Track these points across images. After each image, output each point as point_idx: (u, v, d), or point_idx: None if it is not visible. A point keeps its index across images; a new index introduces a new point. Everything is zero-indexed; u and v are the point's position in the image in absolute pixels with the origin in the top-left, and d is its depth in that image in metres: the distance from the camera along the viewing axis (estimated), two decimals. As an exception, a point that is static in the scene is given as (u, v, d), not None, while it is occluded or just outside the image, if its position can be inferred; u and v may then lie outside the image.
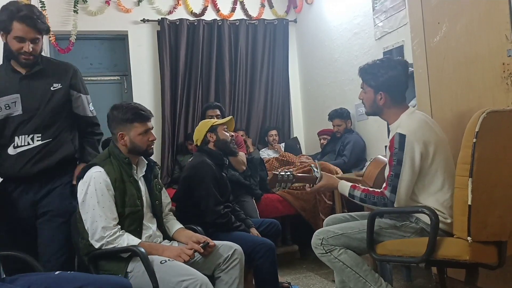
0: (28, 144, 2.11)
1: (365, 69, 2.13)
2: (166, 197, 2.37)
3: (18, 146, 2.11)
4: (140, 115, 2.11)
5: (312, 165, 2.32)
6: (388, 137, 2.10)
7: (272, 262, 2.46)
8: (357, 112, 4.32)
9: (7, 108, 2.10)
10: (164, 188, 2.41)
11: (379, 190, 1.99)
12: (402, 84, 2.09)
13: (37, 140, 2.12)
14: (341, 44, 4.57)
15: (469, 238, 1.74)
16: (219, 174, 2.73)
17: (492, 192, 1.78)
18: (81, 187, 2.02)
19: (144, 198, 2.13)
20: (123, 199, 2.03)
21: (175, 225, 2.30)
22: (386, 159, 2.20)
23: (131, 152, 2.13)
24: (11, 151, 2.11)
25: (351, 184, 2.12)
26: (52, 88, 2.17)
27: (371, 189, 2.03)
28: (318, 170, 2.22)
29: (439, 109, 2.56)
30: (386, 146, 3.75)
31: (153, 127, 2.20)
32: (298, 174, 2.24)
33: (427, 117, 2.10)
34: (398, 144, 1.91)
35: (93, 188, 1.97)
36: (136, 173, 2.16)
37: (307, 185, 2.28)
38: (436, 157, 1.94)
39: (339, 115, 4.29)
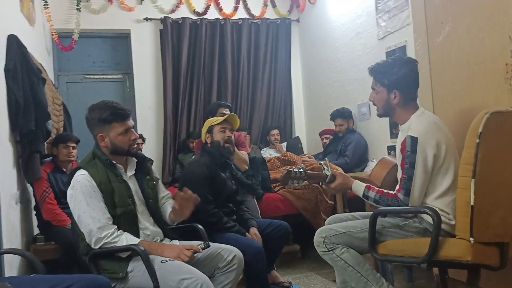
0: None
1: (376, 68, 2.11)
2: (163, 191, 2.33)
3: None
4: (117, 114, 2.03)
5: (322, 163, 2.29)
6: (394, 139, 2.09)
7: (261, 266, 2.43)
8: (360, 112, 4.31)
9: None
10: (160, 180, 2.36)
11: (392, 192, 1.98)
12: (414, 82, 2.08)
13: None
14: (343, 44, 4.56)
15: (471, 239, 1.73)
16: (216, 174, 2.71)
17: (495, 193, 1.77)
18: (69, 192, 2.00)
19: (136, 197, 2.10)
20: (112, 200, 1.99)
21: (168, 207, 2.26)
22: (393, 160, 2.20)
23: (113, 153, 2.07)
24: None
25: (366, 184, 2.10)
26: None
27: (385, 191, 2.01)
28: (329, 169, 2.19)
29: (441, 109, 2.55)
30: (388, 147, 3.80)
31: (133, 125, 2.11)
32: (310, 172, 2.22)
33: (436, 117, 2.08)
34: (410, 147, 1.90)
35: (80, 192, 1.95)
36: (125, 172, 2.12)
37: (318, 183, 2.23)
38: (446, 158, 1.93)
39: (341, 114, 4.28)
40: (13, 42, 2.88)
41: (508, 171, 1.82)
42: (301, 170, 2.16)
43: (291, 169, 2.16)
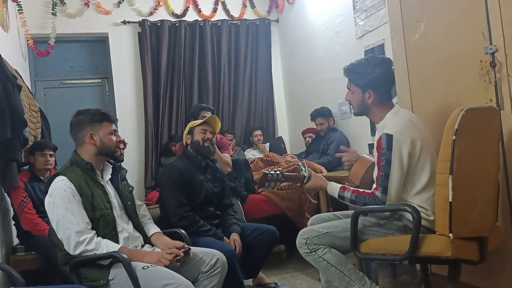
0: None
1: (351, 69, 2.12)
2: (137, 200, 2.35)
3: None
4: (107, 115, 2.17)
5: (300, 164, 2.30)
6: (374, 137, 2.10)
7: (232, 270, 2.33)
8: (341, 111, 4.34)
9: None
10: (133, 189, 2.38)
11: (369, 191, 1.98)
12: (388, 82, 2.10)
13: None
14: (323, 44, 4.58)
15: (450, 235, 1.75)
16: (191, 177, 2.67)
17: (472, 189, 1.80)
18: (47, 199, 1.99)
19: (114, 201, 2.13)
20: (91, 204, 2.00)
21: (151, 229, 2.27)
22: (372, 159, 2.21)
23: (99, 154, 2.12)
24: None
25: (341, 185, 2.10)
26: None
27: (361, 190, 2.02)
28: (306, 169, 2.21)
29: (420, 107, 2.58)
30: (369, 145, 3.83)
31: (117, 131, 2.24)
32: (286, 174, 2.23)
33: (412, 115, 2.11)
34: (386, 144, 1.91)
35: (59, 197, 1.94)
36: (102, 178, 2.15)
37: (296, 184, 2.26)
38: (422, 155, 1.94)
39: (320, 113, 4.31)
40: (-14, 49, 2.81)
41: (485, 167, 1.85)
42: (278, 172, 2.18)
43: (267, 172, 2.17)
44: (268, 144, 5.13)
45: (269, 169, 2.21)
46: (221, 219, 2.82)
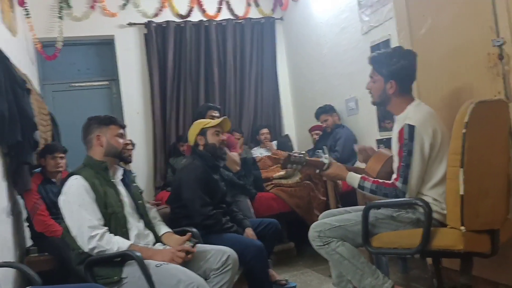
0: None
1: (376, 58, 2.13)
2: (146, 204, 2.40)
3: None
4: (115, 119, 2.26)
5: (320, 151, 2.31)
6: (393, 129, 2.10)
7: (262, 264, 2.45)
8: (347, 107, 4.34)
9: None
10: (142, 192, 2.45)
11: (389, 182, 1.99)
12: (411, 74, 2.10)
13: None
14: (328, 40, 4.58)
15: (462, 228, 1.75)
16: (210, 176, 2.72)
17: (483, 181, 1.80)
18: (61, 198, 2.06)
19: (125, 200, 2.19)
20: (104, 202, 2.06)
21: (162, 229, 2.31)
22: (388, 153, 2.21)
23: (107, 155, 2.19)
24: None
25: (361, 175, 2.11)
26: None
27: (381, 180, 2.03)
28: (327, 156, 2.22)
29: (427, 101, 2.55)
30: (377, 140, 3.82)
31: (126, 136, 2.34)
32: (309, 158, 2.24)
33: (431, 109, 2.10)
34: (408, 135, 1.92)
35: (73, 195, 2.01)
36: (113, 178, 2.22)
37: (313, 172, 2.25)
38: (441, 147, 1.95)
39: (323, 110, 4.32)
40: (-5, 54, 2.84)
41: (495, 159, 1.85)
42: (301, 155, 2.20)
43: (291, 153, 2.20)
44: (275, 142, 5.13)
45: (294, 152, 2.22)
46: (230, 216, 2.84)
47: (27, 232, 3.20)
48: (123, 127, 2.28)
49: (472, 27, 2.24)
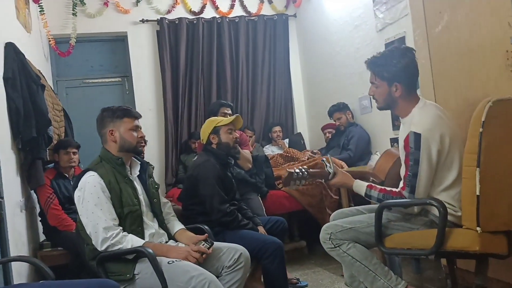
0: None
1: (374, 62, 2.03)
2: (162, 198, 2.38)
3: None
4: (129, 111, 2.17)
5: (324, 159, 2.26)
6: (399, 131, 2.06)
7: (280, 261, 2.45)
8: (361, 105, 4.30)
9: None
10: (159, 187, 2.39)
11: (396, 190, 1.94)
12: (415, 72, 2.02)
13: None
14: (342, 37, 4.54)
15: (478, 229, 1.72)
16: (224, 173, 2.72)
17: (500, 181, 1.76)
18: (77, 194, 2.03)
19: (141, 197, 2.15)
20: (120, 200, 2.03)
21: (176, 226, 2.29)
22: (398, 153, 2.18)
23: (121, 150, 2.13)
24: None
25: (368, 183, 2.06)
26: None
27: (388, 189, 1.98)
28: (331, 165, 2.17)
29: (443, 99, 2.54)
30: (391, 139, 3.78)
31: (141, 128, 2.23)
32: (311, 170, 2.20)
33: (438, 107, 2.02)
34: (414, 144, 1.86)
35: (89, 193, 1.98)
36: (130, 173, 2.18)
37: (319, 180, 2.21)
38: (450, 151, 1.89)
39: (336, 108, 4.29)
40: (11, 50, 2.87)
41: (512, 159, 1.81)
42: (303, 170, 2.14)
43: (293, 171, 2.13)
44: (287, 140, 5.11)
45: (294, 168, 2.17)
46: (240, 213, 2.85)
47: (40, 227, 3.24)
48: (137, 117, 2.19)
49: (490, 24, 2.20)
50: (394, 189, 1.96)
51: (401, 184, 1.94)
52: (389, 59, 1.98)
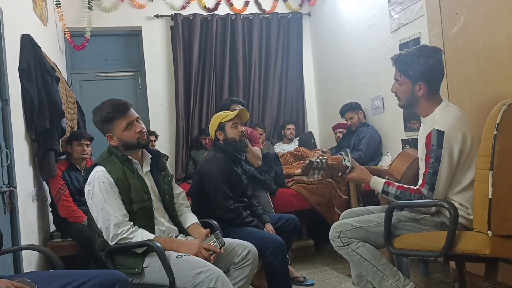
0: None
1: (401, 59, 2.00)
2: (177, 187, 2.33)
3: None
4: (116, 110, 2.03)
5: (343, 153, 2.24)
6: (420, 131, 2.03)
7: (281, 259, 2.44)
8: (373, 106, 4.27)
9: None
10: (174, 177, 2.35)
11: (415, 188, 1.93)
12: (441, 74, 2.00)
13: None
14: (356, 37, 4.51)
15: (489, 232, 1.70)
16: (231, 169, 2.71)
17: (513, 185, 1.74)
18: (87, 188, 2.02)
19: (152, 193, 2.12)
20: (129, 196, 2.01)
21: (190, 219, 2.26)
22: (415, 154, 2.15)
23: (126, 149, 2.08)
24: None
25: (385, 180, 2.05)
26: None
27: (406, 186, 1.96)
28: (349, 159, 2.16)
29: (457, 101, 2.50)
30: (402, 140, 3.75)
31: (138, 117, 2.10)
32: (330, 162, 2.18)
33: (460, 110, 2.00)
34: (436, 141, 1.84)
35: (98, 188, 1.97)
36: (141, 168, 2.14)
37: (336, 175, 2.18)
38: (471, 152, 1.88)
39: (349, 108, 4.25)
40: (27, 42, 2.90)
41: (526, 163, 1.78)
42: (323, 160, 2.13)
43: (313, 159, 2.12)
44: (297, 138, 5.11)
45: (315, 157, 2.16)
46: (249, 211, 2.84)
47: (51, 218, 3.28)
48: (127, 112, 2.04)
49: (507, 25, 2.17)
50: (412, 187, 1.94)
51: (420, 182, 1.92)
52: (416, 58, 1.95)
